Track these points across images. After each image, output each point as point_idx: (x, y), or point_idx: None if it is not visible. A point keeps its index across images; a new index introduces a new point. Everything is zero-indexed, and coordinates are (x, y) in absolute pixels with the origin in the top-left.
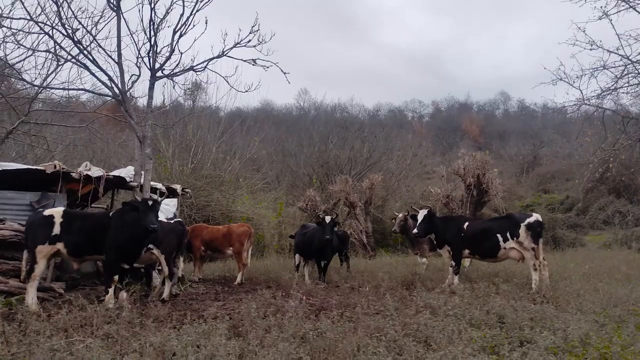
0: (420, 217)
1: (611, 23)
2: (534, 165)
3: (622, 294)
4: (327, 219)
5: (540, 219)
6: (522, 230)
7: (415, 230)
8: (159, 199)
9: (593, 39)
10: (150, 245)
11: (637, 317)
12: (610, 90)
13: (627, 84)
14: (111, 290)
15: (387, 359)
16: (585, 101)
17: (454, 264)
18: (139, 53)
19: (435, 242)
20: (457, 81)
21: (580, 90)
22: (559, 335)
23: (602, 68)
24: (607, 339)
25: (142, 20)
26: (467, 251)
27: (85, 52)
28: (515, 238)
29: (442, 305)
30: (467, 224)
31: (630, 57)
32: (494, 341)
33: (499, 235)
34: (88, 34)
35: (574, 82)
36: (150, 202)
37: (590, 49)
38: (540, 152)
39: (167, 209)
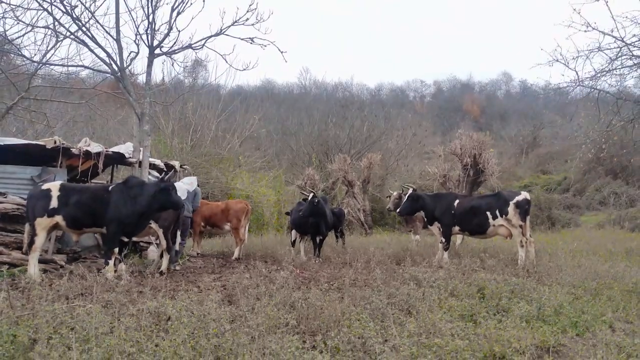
0: (405, 197)
1: (607, 4)
2: (534, 146)
3: (603, 269)
4: (310, 196)
5: (528, 197)
6: (510, 208)
7: (397, 210)
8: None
9: (588, 20)
10: None
11: (611, 290)
12: (605, 72)
13: (620, 66)
14: (111, 262)
15: (370, 324)
16: (580, 82)
17: (443, 240)
18: (138, 30)
19: (425, 220)
20: (460, 61)
21: (576, 72)
22: (534, 305)
23: (597, 50)
24: (580, 309)
25: None
26: (457, 228)
27: (84, 28)
28: (504, 215)
29: (428, 277)
30: (457, 201)
31: (624, 39)
32: (472, 310)
33: (488, 213)
34: (86, 11)
35: (569, 63)
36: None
37: (586, 31)
38: (540, 133)
39: (182, 187)
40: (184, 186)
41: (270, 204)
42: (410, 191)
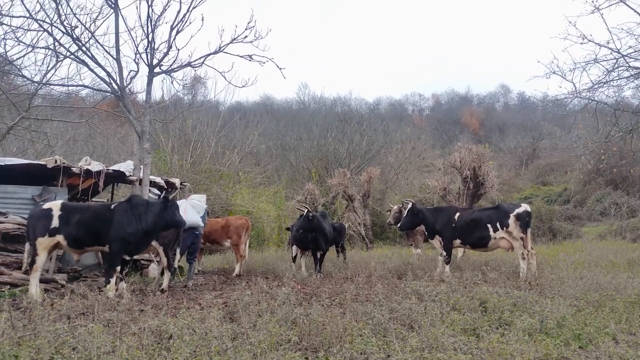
0: (405, 211)
1: (602, 17)
2: (533, 158)
3: (605, 280)
4: (305, 212)
5: (529, 209)
6: (511, 221)
7: (398, 224)
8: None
9: (584, 33)
10: None
11: (613, 302)
12: (602, 83)
13: (617, 77)
14: (113, 281)
15: (372, 339)
16: (578, 94)
17: (445, 253)
18: (137, 49)
19: (426, 233)
20: (458, 74)
21: (573, 83)
22: (536, 318)
23: (593, 61)
24: (583, 321)
25: (139, 17)
26: (458, 241)
27: (84, 48)
28: (505, 228)
29: (429, 291)
30: (457, 214)
31: (620, 51)
32: (474, 324)
33: (489, 226)
34: (86, 31)
35: (566, 75)
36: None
37: (582, 43)
38: (539, 145)
39: (199, 204)
40: (204, 205)
41: (271, 219)
42: (409, 205)
